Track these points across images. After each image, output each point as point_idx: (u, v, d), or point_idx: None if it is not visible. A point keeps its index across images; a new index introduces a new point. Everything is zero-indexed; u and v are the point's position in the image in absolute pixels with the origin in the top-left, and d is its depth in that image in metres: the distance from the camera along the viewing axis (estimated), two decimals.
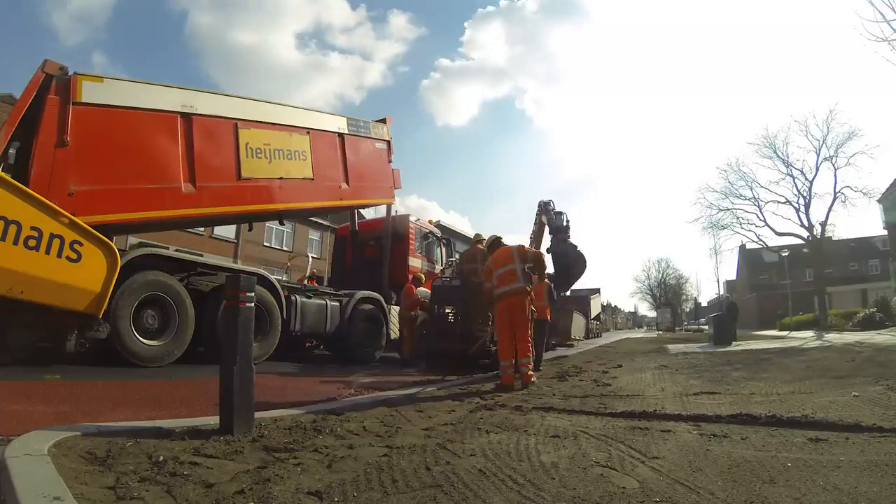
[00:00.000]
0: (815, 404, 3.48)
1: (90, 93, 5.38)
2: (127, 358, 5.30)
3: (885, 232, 30.20)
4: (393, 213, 10.00)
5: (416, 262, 9.81)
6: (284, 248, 27.24)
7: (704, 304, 57.16)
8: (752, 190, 24.76)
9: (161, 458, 1.95)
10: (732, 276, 54.34)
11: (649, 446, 2.40)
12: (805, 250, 26.47)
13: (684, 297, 59.96)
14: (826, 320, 21.87)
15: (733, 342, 12.91)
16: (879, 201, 25.06)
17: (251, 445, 2.25)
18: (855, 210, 28.88)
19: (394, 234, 9.66)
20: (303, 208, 8.36)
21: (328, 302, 7.93)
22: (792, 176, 23.50)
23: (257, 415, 2.62)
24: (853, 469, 2.00)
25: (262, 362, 6.40)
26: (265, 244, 23.89)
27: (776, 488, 1.78)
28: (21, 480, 1.54)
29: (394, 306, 9.10)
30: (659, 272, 61.05)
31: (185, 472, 1.80)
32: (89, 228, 4.71)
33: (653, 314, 61.73)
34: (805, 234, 23.72)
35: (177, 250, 6.86)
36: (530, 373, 5.24)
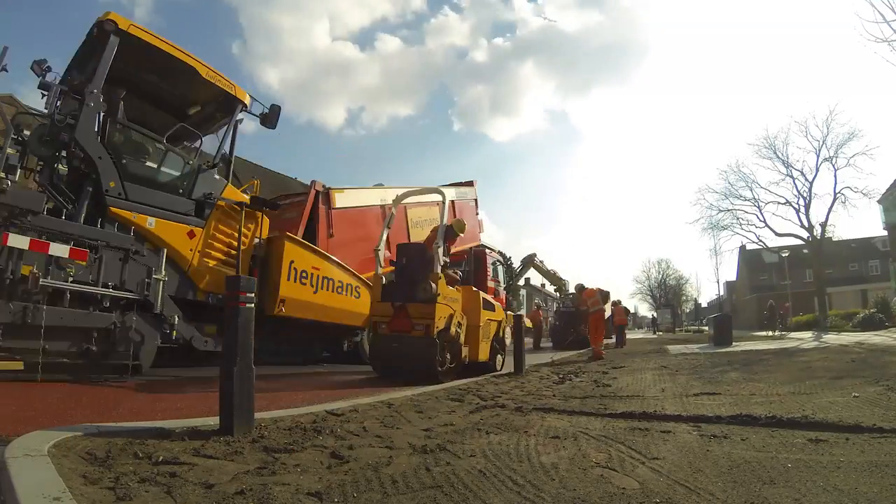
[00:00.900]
0: (815, 405, 3.48)
1: (339, 200, 8.15)
2: None
3: (885, 232, 30.16)
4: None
5: (491, 285, 12.46)
6: None
7: (704, 304, 57.18)
8: (752, 191, 24.84)
9: (161, 458, 1.94)
10: (732, 276, 54.33)
11: (649, 447, 2.40)
12: (805, 251, 26.46)
13: (684, 297, 59.90)
14: (826, 321, 21.86)
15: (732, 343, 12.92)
16: (879, 202, 25.09)
17: (251, 446, 2.25)
18: (855, 211, 28.92)
19: (474, 262, 12.35)
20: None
21: None
22: (792, 177, 23.56)
23: (257, 415, 2.62)
24: (853, 470, 2.00)
25: (263, 363, 6.40)
26: None
27: (776, 489, 1.78)
28: (21, 480, 1.54)
29: None
30: (659, 273, 61.05)
31: (186, 473, 1.80)
32: (362, 278, 7.76)
33: (653, 314, 61.57)
34: (805, 234, 23.75)
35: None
36: (603, 351, 11.03)
